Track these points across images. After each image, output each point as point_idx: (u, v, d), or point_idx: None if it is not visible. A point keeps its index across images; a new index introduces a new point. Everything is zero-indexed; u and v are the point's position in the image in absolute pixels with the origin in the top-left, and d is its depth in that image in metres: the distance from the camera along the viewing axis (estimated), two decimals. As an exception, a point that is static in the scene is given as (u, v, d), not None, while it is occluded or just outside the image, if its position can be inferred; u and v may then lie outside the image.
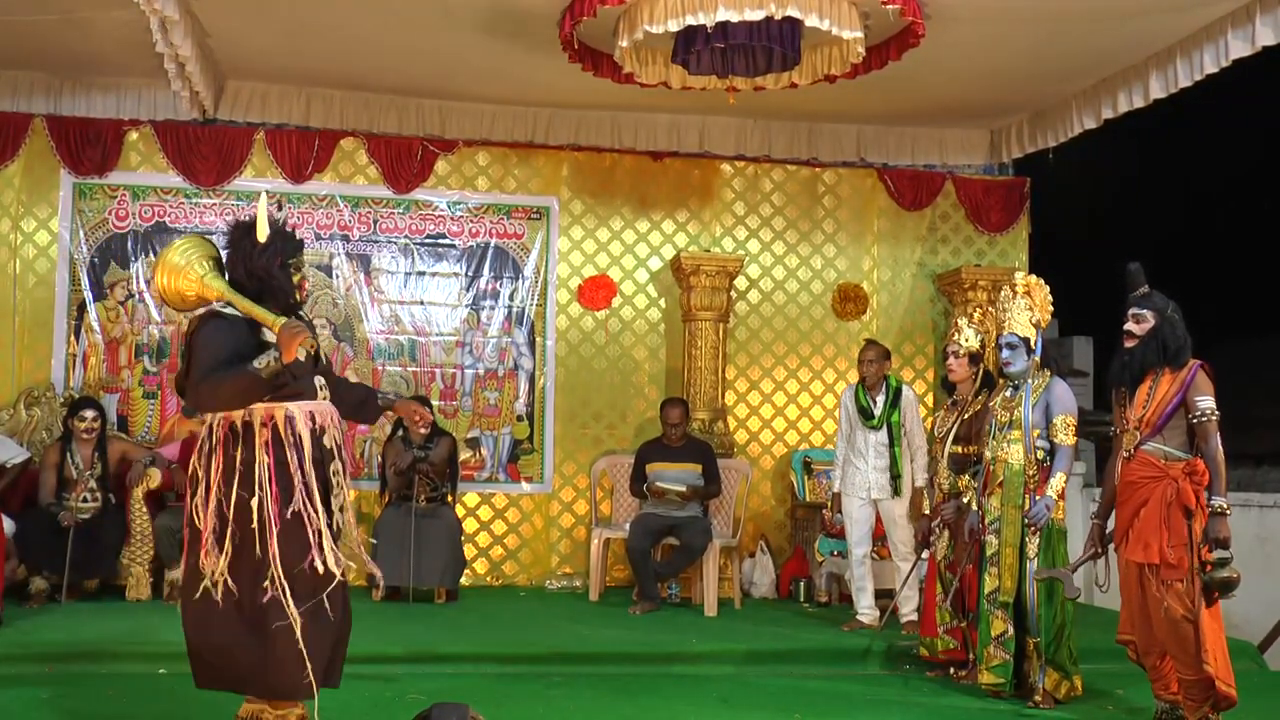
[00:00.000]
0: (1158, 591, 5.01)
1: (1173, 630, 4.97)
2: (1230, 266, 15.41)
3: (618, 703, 5.60)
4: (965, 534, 6.01)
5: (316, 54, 7.93)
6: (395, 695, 5.50)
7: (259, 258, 4.12)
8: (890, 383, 7.27)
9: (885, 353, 7.38)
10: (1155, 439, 5.12)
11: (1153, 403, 5.12)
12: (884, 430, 7.18)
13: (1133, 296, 5.28)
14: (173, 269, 4.08)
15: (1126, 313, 5.27)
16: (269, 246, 4.15)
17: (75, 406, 7.69)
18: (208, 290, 4.08)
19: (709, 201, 9.31)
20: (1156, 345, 5.16)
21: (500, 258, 8.98)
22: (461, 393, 8.89)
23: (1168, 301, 5.23)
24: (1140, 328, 5.21)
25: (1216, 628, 4.99)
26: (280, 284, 4.12)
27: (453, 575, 7.89)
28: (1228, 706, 5.01)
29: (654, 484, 7.73)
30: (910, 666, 6.48)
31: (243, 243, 4.14)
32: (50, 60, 8.13)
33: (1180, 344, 5.15)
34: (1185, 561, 4.94)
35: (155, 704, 5.28)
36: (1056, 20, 6.99)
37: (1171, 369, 5.13)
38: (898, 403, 7.18)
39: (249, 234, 4.14)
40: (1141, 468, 5.14)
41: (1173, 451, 5.09)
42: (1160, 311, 5.19)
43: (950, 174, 9.53)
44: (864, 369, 7.32)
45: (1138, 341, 5.22)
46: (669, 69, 7.18)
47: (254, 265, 4.10)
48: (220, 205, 8.62)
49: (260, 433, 4.01)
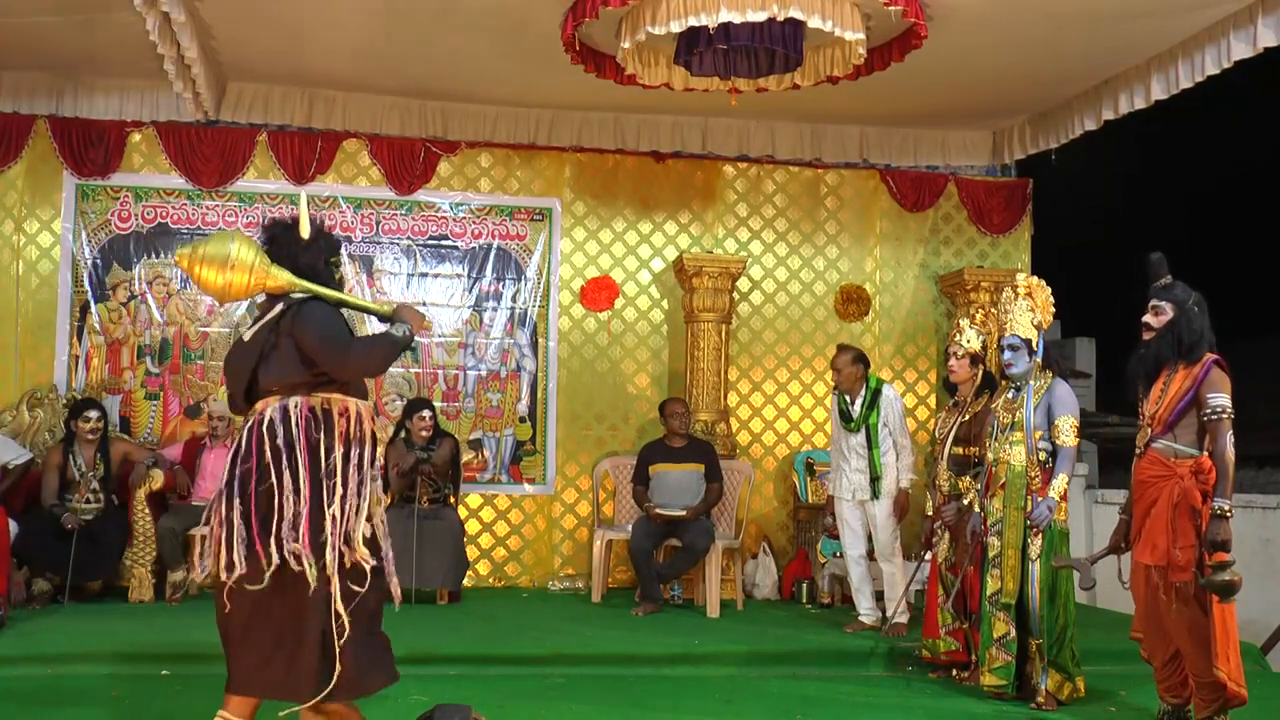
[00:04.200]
0: (1165, 594, 4.95)
1: (1187, 632, 4.93)
2: (1231, 267, 15.39)
3: (620, 704, 5.61)
4: (967, 535, 6.01)
5: (319, 55, 7.93)
6: (398, 696, 5.50)
7: (304, 254, 4.11)
8: (870, 384, 7.26)
9: (856, 356, 7.32)
10: (1165, 436, 5.02)
11: (1165, 399, 5.02)
12: (862, 433, 7.18)
13: (1154, 288, 5.14)
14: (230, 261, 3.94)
15: (1146, 304, 5.13)
16: (313, 244, 4.15)
17: (78, 408, 7.70)
18: (275, 281, 4.01)
19: (711, 203, 9.31)
20: (1172, 339, 5.03)
21: (503, 259, 8.98)
22: (464, 394, 8.89)
23: (1189, 293, 5.08)
24: (1158, 320, 5.09)
25: (1231, 629, 4.92)
26: (325, 280, 4.13)
27: (455, 577, 7.90)
28: (1238, 705, 4.99)
29: (654, 510, 7.74)
30: (912, 668, 6.47)
31: (286, 238, 4.12)
32: (53, 62, 8.14)
33: (1196, 338, 5.00)
34: (1193, 563, 4.86)
35: (158, 705, 5.28)
36: (1058, 21, 6.99)
37: (1186, 364, 5.00)
38: (876, 404, 7.18)
39: (292, 231, 4.13)
40: (1151, 466, 5.06)
41: (1182, 449, 4.98)
42: (1180, 304, 5.04)
43: (953, 175, 9.53)
44: (835, 377, 7.33)
45: (1154, 335, 5.09)
46: (671, 70, 7.18)
47: (300, 262, 4.09)
48: (223, 206, 8.63)
49: (339, 422, 3.97)
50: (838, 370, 7.30)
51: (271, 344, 3.96)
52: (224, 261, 3.94)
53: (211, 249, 3.97)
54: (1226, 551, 4.79)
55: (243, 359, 4.01)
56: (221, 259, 3.94)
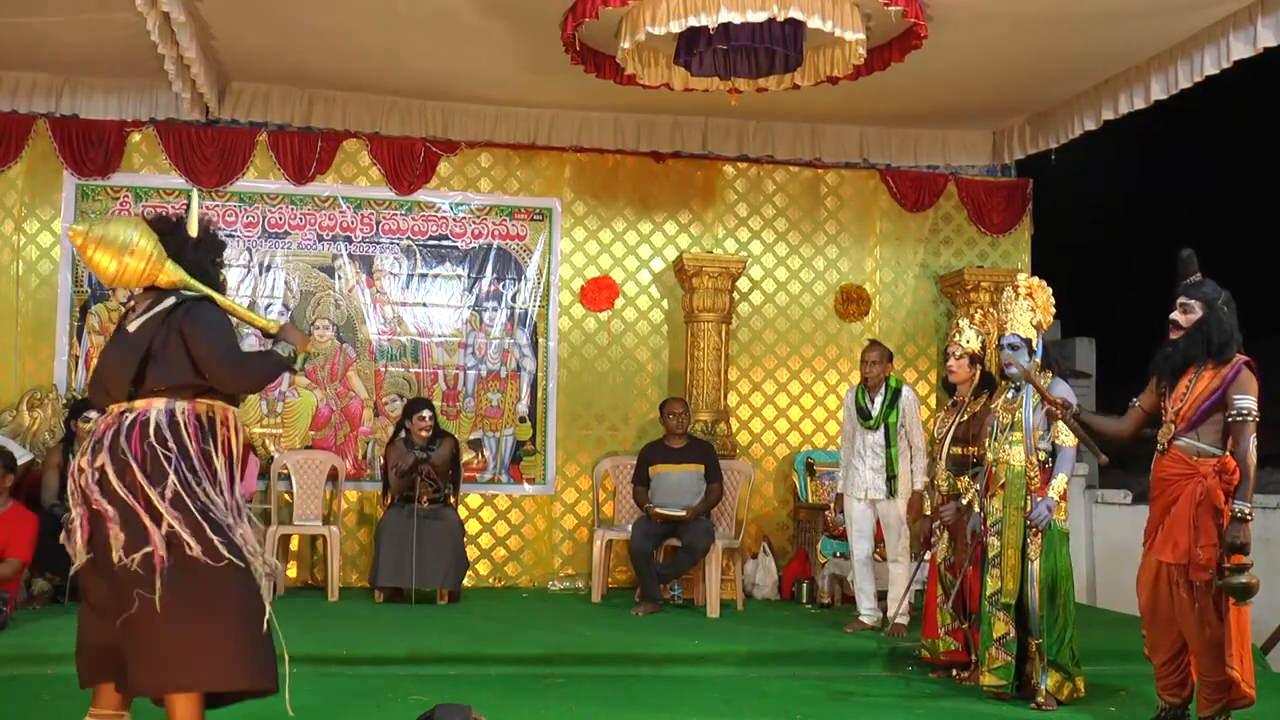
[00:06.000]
0: (1184, 592, 4.93)
1: (1201, 631, 4.91)
2: (1232, 267, 15.40)
3: (620, 704, 5.60)
4: (966, 535, 6.01)
5: (319, 55, 7.93)
6: (398, 696, 5.51)
7: (192, 252, 4.05)
8: (890, 384, 7.26)
9: (887, 354, 7.36)
10: (1189, 434, 4.98)
11: (1190, 397, 4.98)
12: (881, 431, 7.18)
13: (1183, 285, 5.08)
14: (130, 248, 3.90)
15: (1175, 301, 5.08)
16: (201, 243, 4.10)
17: (78, 408, 7.69)
18: (168, 276, 3.96)
19: (711, 203, 9.31)
20: (1201, 338, 4.98)
21: (503, 259, 8.98)
22: (464, 394, 8.89)
23: (1219, 292, 5.04)
24: (1186, 319, 5.04)
25: (1245, 631, 4.91)
26: (211, 280, 4.08)
27: (455, 577, 7.90)
28: (1243, 706, 4.99)
29: (654, 510, 7.74)
30: (912, 668, 6.47)
31: (174, 236, 4.04)
32: (53, 61, 8.14)
33: (1226, 338, 4.95)
34: (1214, 562, 4.84)
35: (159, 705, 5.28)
36: (1058, 22, 6.99)
37: (1215, 363, 4.96)
38: (896, 404, 7.18)
39: (179, 228, 4.07)
40: (1173, 464, 5.03)
41: (1205, 448, 4.95)
42: (1209, 303, 5.00)
43: (953, 175, 9.53)
44: (865, 370, 7.32)
45: (1182, 333, 5.04)
46: (671, 70, 7.18)
47: (187, 259, 4.03)
48: (223, 206, 8.63)
49: (221, 432, 3.94)
50: (869, 364, 7.29)
51: (162, 340, 3.88)
52: (123, 247, 3.89)
53: (112, 232, 3.91)
54: (1245, 554, 4.78)
55: (130, 352, 3.91)
56: (120, 244, 3.89)
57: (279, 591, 8.02)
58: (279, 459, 8.44)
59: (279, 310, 8.65)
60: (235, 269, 8.61)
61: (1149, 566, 5.12)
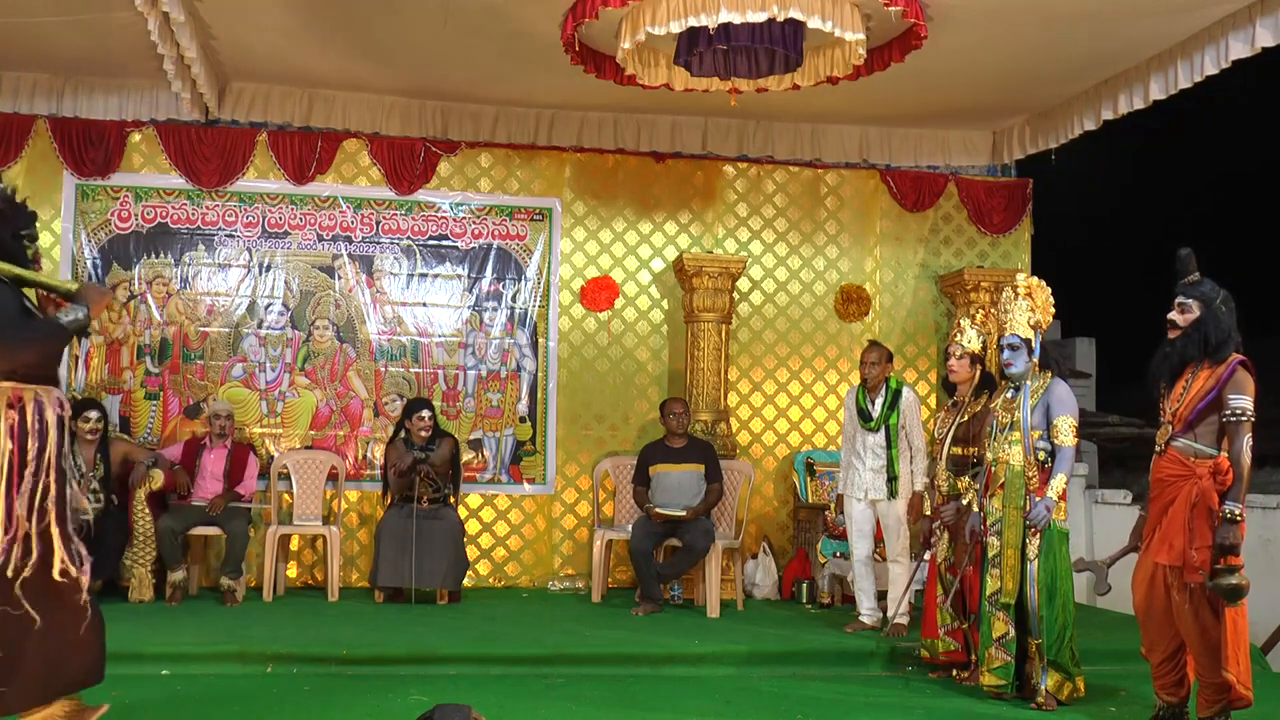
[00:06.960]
0: (1179, 594, 4.94)
1: (1198, 633, 4.91)
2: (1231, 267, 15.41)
3: (620, 704, 5.60)
4: (966, 535, 6.01)
5: (319, 55, 7.93)
6: (398, 696, 5.51)
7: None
8: (890, 384, 7.26)
9: (887, 355, 7.36)
10: (1186, 435, 4.98)
11: (1186, 398, 4.97)
12: (882, 432, 7.18)
13: (1181, 284, 5.07)
14: None
15: (1173, 301, 5.07)
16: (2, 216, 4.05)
17: (78, 408, 7.68)
18: None
19: (711, 203, 9.31)
20: (1198, 338, 4.97)
21: (503, 259, 8.99)
22: (464, 394, 8.89)
23: (1218, 291, 5.03)
24: (1184, 318, 5.03)
25: (1242, 632, 4.91)
26: (16, 255, 4.02)
27: (455, 577, 7.90)
28: (1242, 707, 4.99)
29: (654, 510, 7.75)
30: (912, 668, 6.48)
31: None
32: (53, 62, 8.14)
33: (1223, 338, 4.94)
34: (1209, 564, 4.83)
35: (158, 705, 5.28)
36: (1057, 22, 6.99)
37: (1211, 363, 4.95)
38: (897, 405, 7.18)
39: None
40: (1170, 465, 5.03)
41: (1202, 449, 4.95)
42: (1207, 302, 4.99)
43: (953, 175, 9.53)
44: (865, 370, 7.32)
45: (1180, 333, 5.03)
46: (671, 71, 7.18)
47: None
48: (223, 206, 8.63)
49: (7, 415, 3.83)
50: (869, 365, 7.29)
51: None
52: None
53: None
54: (1236, 555, 4.78)
55: None
56: None
57: (279, 591, 8.04)
58: (279, 459, 8.45)
59: (279, 310, 8.65)
60: (235, 269, 8.62)
61: (1144, 567, 5.12)
